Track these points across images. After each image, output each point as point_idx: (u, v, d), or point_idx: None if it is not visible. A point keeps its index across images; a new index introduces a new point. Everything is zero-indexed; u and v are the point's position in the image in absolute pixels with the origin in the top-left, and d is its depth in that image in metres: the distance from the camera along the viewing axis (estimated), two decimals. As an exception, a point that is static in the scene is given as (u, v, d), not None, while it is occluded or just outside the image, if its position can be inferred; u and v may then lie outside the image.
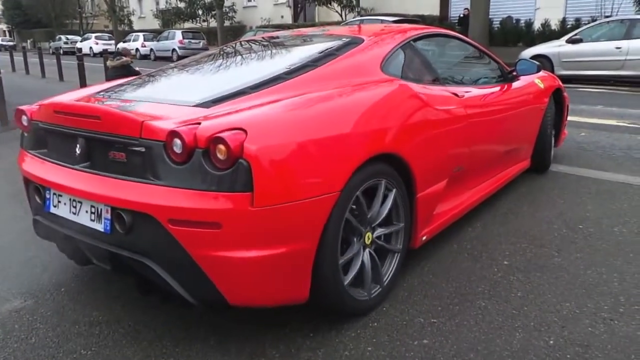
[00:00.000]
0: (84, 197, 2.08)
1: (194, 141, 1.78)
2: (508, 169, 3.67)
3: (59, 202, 2.23)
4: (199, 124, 1.83)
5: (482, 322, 2.16)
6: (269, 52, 3.09)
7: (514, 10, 18.54)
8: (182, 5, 32.41)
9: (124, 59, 9.49)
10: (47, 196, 2.28)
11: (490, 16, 17.22)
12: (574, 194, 3.76)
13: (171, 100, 2.28)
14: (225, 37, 25.78)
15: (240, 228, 1.79)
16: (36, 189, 2.36)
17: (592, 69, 11.22)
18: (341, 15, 22.93)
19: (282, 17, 29.36)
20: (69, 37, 36.82)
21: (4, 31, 57.76)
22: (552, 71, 11.70)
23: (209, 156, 1.77)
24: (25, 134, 2.52)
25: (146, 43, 27.96)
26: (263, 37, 3.56)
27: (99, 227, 2.03)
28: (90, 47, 31.49)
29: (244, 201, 1.76)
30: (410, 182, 2.41)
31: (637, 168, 4.41)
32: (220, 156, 1.74)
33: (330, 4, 23.40)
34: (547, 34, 15.57)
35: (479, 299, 2.35)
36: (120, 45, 30.68)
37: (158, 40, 26.99)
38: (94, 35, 33.72)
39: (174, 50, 25.10)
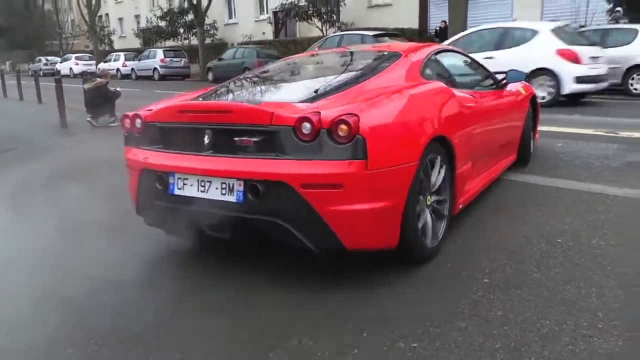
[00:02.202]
0: (214, 175, 2.62)
1: (319, 124, 2.39)
2: (502, 161, 4.35)
3: (184, 184, 2.74)
4: (319, 112, 2.44)
5: (463, 345, 2.14)
6: (331, 63, 4.01)
7: (492, 21, 18.82)
8: (162, 24, 32.40)
9: (99, 80, 9.45)
10: (171, 181, 2.78)
11: (468, 27, 17.52)
12: (552, 206, 3.79)
13: (276, 99, 3.07)
14: (206, 54, 25.78)
15: (357, 187, 2.43)
16: (157, 177, 2.83)
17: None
18: (322, 31, 23.07)
19: (263, 33, 29.47)
20: (49, 58, 36.66)
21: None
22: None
23: (332, 134, 2.39)
24: (136, 134, 3.03)
25: (127, 63, 27.88)
26: (318, 53, 4.82)
27: (231, 198, 2.58)
28: (70, 68, 31.32)
29: (361, 166, 2.41)
30: (452, 161, 3.08)
31: (614, 178, 4.46)
32: (341, 134, 2.38)
33: (310, 19, 23.57)
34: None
35: (460, 319, 2.33)
36: (102, 65, 30.58)
37: (139, 60, 26.94)
38: (74, 56, 33.55)
39: (155, 69, 25.06)
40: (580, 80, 9.19)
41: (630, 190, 4.05)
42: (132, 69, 27.04)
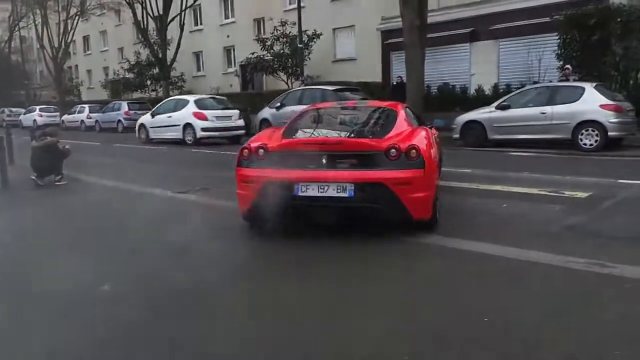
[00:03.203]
0: (331, 181, 4.45)
1: (400, 150, 4.46)
2: (437, 180, 5.50)
3: (307, 188, 4.50)
4: (397, 143, 4.53)
5: None
6: (357, 113, 6.20)
7: (451, 77, 19.39)
8: (130, 76, 32.49)
9: (49, 139, 9.15)
10: (296, 187, 4.52)
11: (428, 82, 17.98)
12: (486, 279, 3.66)
13: (358, 135, 5.09)
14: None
15: (419, 184, 4.43)
16: (284, 185, 4.53)
17: (520, 133, 11.67)
18: (287, 84, 23.41)
19: (230, 85, 29.75)
20: (13, 109, 36.10)
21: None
22: (486, 136, 12.12)
23: (407, 155, 4.44)
24: (257, 159, 4.78)
25: (92, 114, 27.61)
26: (344, 105, 7.10)
27: (344, 195, 4.41)
28: (34, 120, 30.82)
29: (421, 172, 4.44)
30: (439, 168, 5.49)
31: (553, 244, 4.35)
32: (413, 155, 4.45)
33: (276, 73, 23.92)
34: (481, 99, 16.24)
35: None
36: (65, 117, 30.26)
37: (103, 112, 26.71)
38: (38, 107, 33.11)
39: (119, 121, 24.84)
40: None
41: (564, 257, 3.96)
42: (97, 121, 26.73)
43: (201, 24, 32.86)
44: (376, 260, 4.14)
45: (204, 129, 15.83)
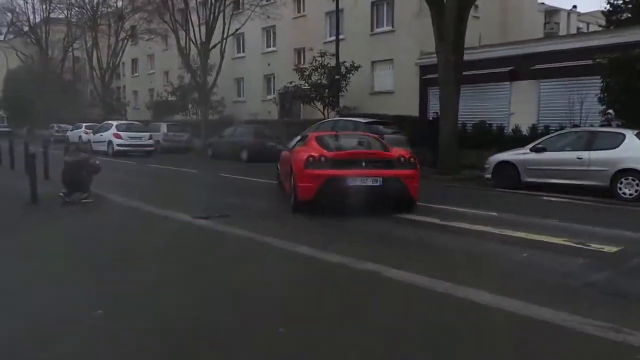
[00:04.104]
0: (368, 176, 7.85)
1: (405, 157, 8.38)
2: None
3: (354, 180, 7.76)
4: (402, 154, 8.45)
5: None
6: (364, 139, 9.54)
7: (488, 115, 19.04)
8: (173, 98, 33.44)
9: (82, 155, 9.38)
10: (348, 180, 7.74)
11: (464, 120, 17.72)
12: (484, 333, 3.42)
13: (374, 150, 8.75)
14: (213, 129, 26.19)
15: (415, 177, 8.25)
16: (340, 179, 7.75)
17: (555, 178, 11.24)
18: (323, 113, 23.53)
19: (269, 112, 30.17)
20: (61, 125, 37.52)
21: (2, 117, 59.07)
22: (519, 178, 11.75)
23: (408, 160, 8.32)
24: (319, 163, 7.93)
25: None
26: (353, 134, 11.03)
27: (377, 184, 7.85)
28: (80, 136, 31.92)
29: (417, 170, 8.35)
30: None
31: (568, 301, 4.05)
32: (412, 160, 8.34)
33: (313, 102, 24.12)
34: (518, 139, 15.83)
35: None
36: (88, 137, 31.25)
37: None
38: (84, 124, 34.34)
39: (158, 142, 25.46)
40: None
41: (577, 318, 3.68)
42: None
43: (244, 51, 33.66)
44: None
45: (118, 145, 22.63)
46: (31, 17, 43.36)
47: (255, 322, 3.60)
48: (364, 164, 7.99)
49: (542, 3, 39.30)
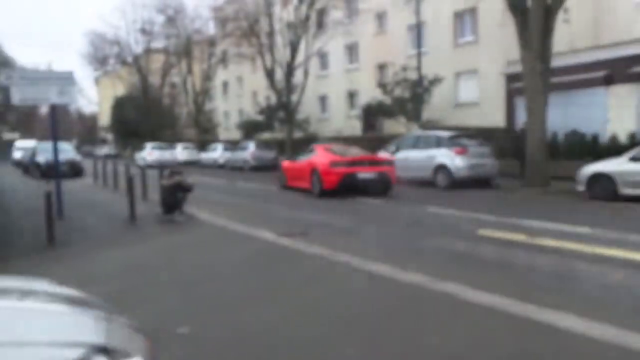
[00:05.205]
0: (369, 171, 13.12)
1: (385, 159, 14.42)
2: None
3: (361, 174, 13.01)
4: (385, 158, 14.94)
5: None
6: (355, 150, 15.01)
7: (581, 123, 17.94)
8: (260, 118, 34.80)
9: (177, 178, 10.10)
10: (356, 174, 13.01)
11: (554, 129, 16.85)
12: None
13: (370, 155, 14.86)
14: (298, 146, 26.84)
15: (392, 171, 13.57)
16: (352, 174, 12.97)
17: (659, 190, 10.39)
18: (406, 127, 23.37)
19: (352, 128, 30.43)
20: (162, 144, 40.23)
21: (107, 140, 64.34)
22: (616, 190, 11.00)
23: (390, 161, 14.14)
24: (338, 164, 13.12)
25: (224, 153, 29.81)
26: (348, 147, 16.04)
27: (376, 177, 13.15)
28: (176, 156, 34.10)
29: (393, 167, 13.76)
30: None
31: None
32: (390, 161, 14.34)
33: (396, 116, 24.06)
34: (616, 148, 14.79)
35: None
36: (202, 154, 33.03)
37: (233, 151, 28.69)
38: (180, 144, 36.60)
39: (245, 160, 26.49)
40: None
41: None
42: (227, 160, 28.80)
43: (327, 69, 34.31)
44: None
45: (151, 160, 30.47)
46: (134, 47, 47.05)
47: (329, 340, 3.71)
48: (367, 163, 13.32)
49: (643, 0, 36.44)
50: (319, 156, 13.79)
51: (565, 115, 18.04)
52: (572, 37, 19.48)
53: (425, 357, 3.42)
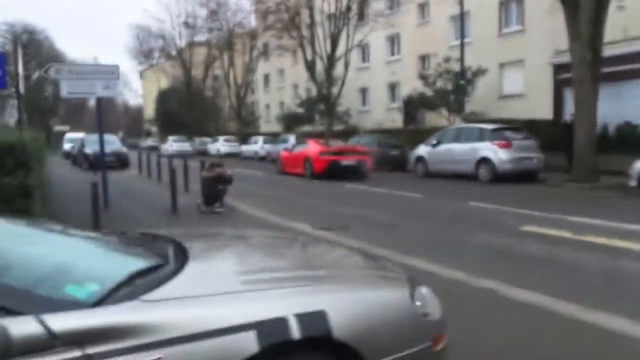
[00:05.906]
0: (350, 160, 16.86)
1: (363, 150, 18.33)
2: None
3: (344, 162, 16.71)
4: (365, 150, 18.38)
5: None
6: (337, 142, 20.34)
7: (636, 115, 17.13)
8: (301, 110, 34.90)
9: (218, 170, 10.24)
10: (340, 162, 16.65)
11: (605, 121, 16.18)
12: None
13: (352, 146, 19.32)
14: (338, 139, 26.80)
15: (368, 159, 17.38)
16: (335, 162, 16.57)
17: None
18: (448, 120, 22.94)
19: (393, 121, 30.10)
20: (204, 139, 41.01)
21: (152, 132, 66.01)
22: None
23: (367, 153, 18.00)
24: (326, 154, 17.03)
25: (265, 146, 30.12)
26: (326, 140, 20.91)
27: (355, 164, 16.80)
28: (218, 149, 34.65)
29: (370, 157, 17.60)
30: None
31: None
32: (368, 153, 17.99)
33: (438, 109, 23.64)
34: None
35: None
36: (243, 147, 33.43)
37: (275, 144, 28.94)
38: (222, 138, 37.17)
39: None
40: None
41: None
42: (268, 152, 29.06)
43: (368, 61, 34.03)
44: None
45: (169, 151, 33.88)
46: (178, 42, 48.00)
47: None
48: (350, 153, 16.87)
49: None
50: (310, 147, 17.73)
51: (617, 106, 17.27)
52: (626, 25, 18.56)
53: (464, 357, 3.34)
